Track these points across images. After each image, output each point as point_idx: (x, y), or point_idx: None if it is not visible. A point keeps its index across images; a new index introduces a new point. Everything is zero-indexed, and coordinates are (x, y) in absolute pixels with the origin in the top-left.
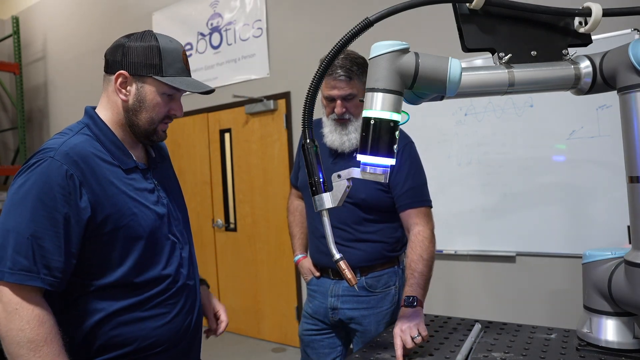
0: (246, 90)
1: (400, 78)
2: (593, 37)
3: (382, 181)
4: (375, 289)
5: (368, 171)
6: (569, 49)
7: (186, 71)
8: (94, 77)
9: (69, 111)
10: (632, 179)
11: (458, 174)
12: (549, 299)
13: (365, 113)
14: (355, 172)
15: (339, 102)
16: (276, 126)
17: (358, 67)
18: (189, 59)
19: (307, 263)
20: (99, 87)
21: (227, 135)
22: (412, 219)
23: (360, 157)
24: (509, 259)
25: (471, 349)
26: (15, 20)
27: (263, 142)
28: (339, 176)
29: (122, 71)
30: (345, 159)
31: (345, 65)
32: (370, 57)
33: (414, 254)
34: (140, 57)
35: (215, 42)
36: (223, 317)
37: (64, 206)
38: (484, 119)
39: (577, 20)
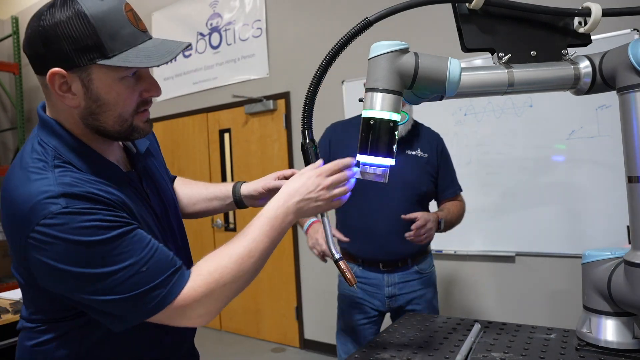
0: (246, 90)
1: (400, 78)
2: (592, 37)
3: (383, 181)
4: (425, 271)
5: (368, 171)
6: (568, 49)
7: (140, 33)
8: None
9: None
10: (631, 179)
11: (458, 174)
12: (549, 299)
13: (365, 113)
14: (356, 172)
15: None
16: (276, 126)
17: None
18: (188, 60)
19: (322, 232)
20: None
21: (226, 136)
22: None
23: (360, 157)
24: (508, 259)
25: (471, 349)
26: (15, 20)
27: (263, 142)
28: None
29: (54, 69)
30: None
31: None
32: (370, 57)
33: (454, 206)
34: (70, 40)
35: (215, 42)
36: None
37: None
38: (483, 119)
39: (576, 20)
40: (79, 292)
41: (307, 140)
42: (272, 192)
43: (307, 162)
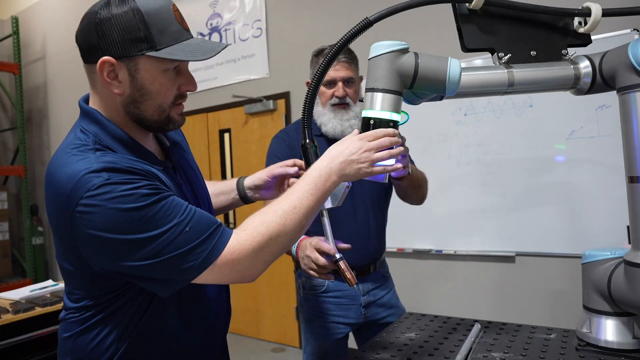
0: (246, 90)
1: (400, 78)
2: (593, 37)
3: (383, 181)
4: (386, 273)
5: None
6: (568, 49)
7: (185, 32)
8: None
9: (68, 111)
10: (631, 179)
11: (458, 174)
12: (549, 299)
13: (365, 113)
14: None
15: (340, 84)
16: (276, 126)
17: (354, 55)
18: None
19: (315, 241)
20: None
21: (226, 136)
22: None
23: None
24: (508, 259)
25: (471, 349)
26: (15, 21)
27: (262, 142)
28: None
29: (105, 57)
30: None
31: (345, 50)
32: (370, 57)
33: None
34: (123, 32)
35: None
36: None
37: None
38: (483, 119)
39: (576, 20)
40: (127, 260)
41: (307, 140)
42: (277, 179)
43: (308, 162)
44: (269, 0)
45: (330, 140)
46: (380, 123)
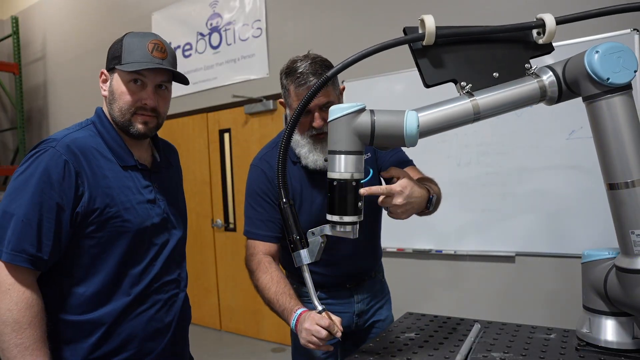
0: (245, 90)
1: (359, 138)
2: (592, 38)
3: (352, 237)
4: (382, 278)
5: (338, 229)
6: (531, 61)
7: (149, 57)
8: (94, 77)
9: (68, 111)
10: (611, 186)
11: (457, 174)
12: (549, 299)
13: (329, 175)
14: (327, 229)
15: (316, 114)
16: (275, 126)
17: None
18: (188, 60)
19: (317, 318)
20: (98, 87)
21: (226, 136)
22: (412, 174)
23: (329, 217)
24: (508, 259)
25: (471, 348)
26: (15, 21)
27: (262, 143)
28: (313, 233)
29: (103, 69)
30: None
31: (316, 71)
32: (329, 120)
33: (425, 178)
34: (111, 52)
35: (215, 42)
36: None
37: (60, 194)
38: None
39: (534, 31)
40: None
41: (284, 200)
42: None
43: (286, 222)
44: (269, 0)
45: (311, 172)
46: (345, 183)
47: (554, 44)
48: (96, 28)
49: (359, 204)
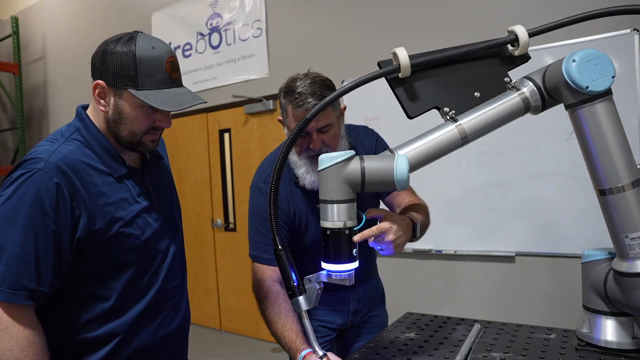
0: (245, 90)
1: (350, 186)
2: (592, 38)
3: (348, 284)
4: (377, 275)
5: (333, 277)
6: (509, 74)
7: (170, 80)
8: None
9: (68, 111)
10: (601, 192)
11: (458, 174)
12: (549, 299)
13: (322, 224)
14: (323, 277)
15: (314, 136)
16: (275, 126)
17: (330, 91)
18: (188, 60)
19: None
20: None
21: (226, 136)
22: (402, 195)
23: (325, 266)
24: (508, 259)
25: (471, 348)
26: (15, 21)
27: (262, 142)
28: (310, 280)
29: (99, 81)
30: None
31: (315, 92)
32: (319, 169)
33: (414, 202)
34: (117, 67)
35: (215, 42)
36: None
37: (55, 220)
38: None
39: (509, 45)
40: None
41: (280, 247)
42: None
43: (283, 269)
44: (269, 0)
45: (308, 192)
46: (339, 232)
47: (554, 44)
48: (96, 28)
49: (354, 251)
